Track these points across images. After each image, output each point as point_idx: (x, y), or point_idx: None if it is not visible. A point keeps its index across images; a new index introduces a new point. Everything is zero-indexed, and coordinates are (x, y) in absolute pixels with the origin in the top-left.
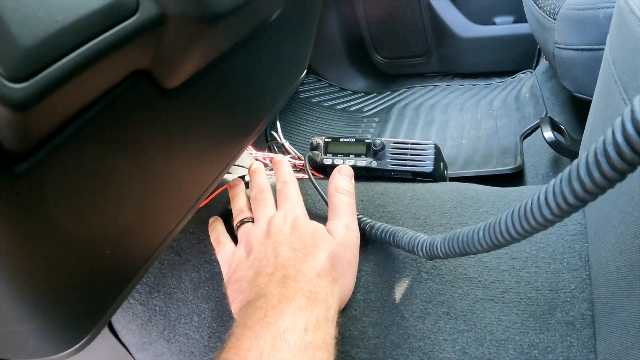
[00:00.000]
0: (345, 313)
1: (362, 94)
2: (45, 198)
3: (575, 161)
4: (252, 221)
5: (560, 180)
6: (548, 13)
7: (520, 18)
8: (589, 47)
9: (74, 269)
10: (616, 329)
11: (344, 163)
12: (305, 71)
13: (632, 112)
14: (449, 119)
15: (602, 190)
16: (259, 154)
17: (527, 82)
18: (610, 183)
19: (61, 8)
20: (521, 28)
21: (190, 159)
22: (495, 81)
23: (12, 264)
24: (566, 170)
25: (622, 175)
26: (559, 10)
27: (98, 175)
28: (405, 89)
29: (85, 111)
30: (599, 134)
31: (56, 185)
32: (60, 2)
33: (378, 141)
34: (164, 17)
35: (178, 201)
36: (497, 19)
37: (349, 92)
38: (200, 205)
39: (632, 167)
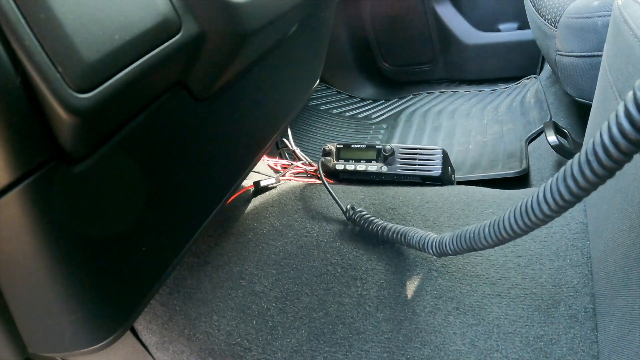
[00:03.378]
0: (359, 309)
1: (370, 101)
2: (97, 195)
3: (569, 161)
4: None
5: (557, 179)
6: (549, 21)
7: (525, 24)
8: (589, 54)
9: (115, 263)
10: (615, 318)
11: (355, 168)
12: (318, 80)
13: (617, 116)
14: (456, 125)
15: (593, 186)
16: (271, 161)
17: (531, 87)
18: (600, 179)
19: (117, 28)
20: (525, 34)
21: (217, 164)
22: (501, 87)
23: (67, 256)
24: (561, 170)
25: (610, 172)
26: (559, 19)
27: (140, 175)
28: (412, 96)
29: (133, 118)
30: None
31: (106, 184)
32: (116, 23)
33: (388, 147)
34: (204, 35)
35: (204, 203)
36: (502, 26)
37: (357, 100)
38: None
39: (618, 165)
